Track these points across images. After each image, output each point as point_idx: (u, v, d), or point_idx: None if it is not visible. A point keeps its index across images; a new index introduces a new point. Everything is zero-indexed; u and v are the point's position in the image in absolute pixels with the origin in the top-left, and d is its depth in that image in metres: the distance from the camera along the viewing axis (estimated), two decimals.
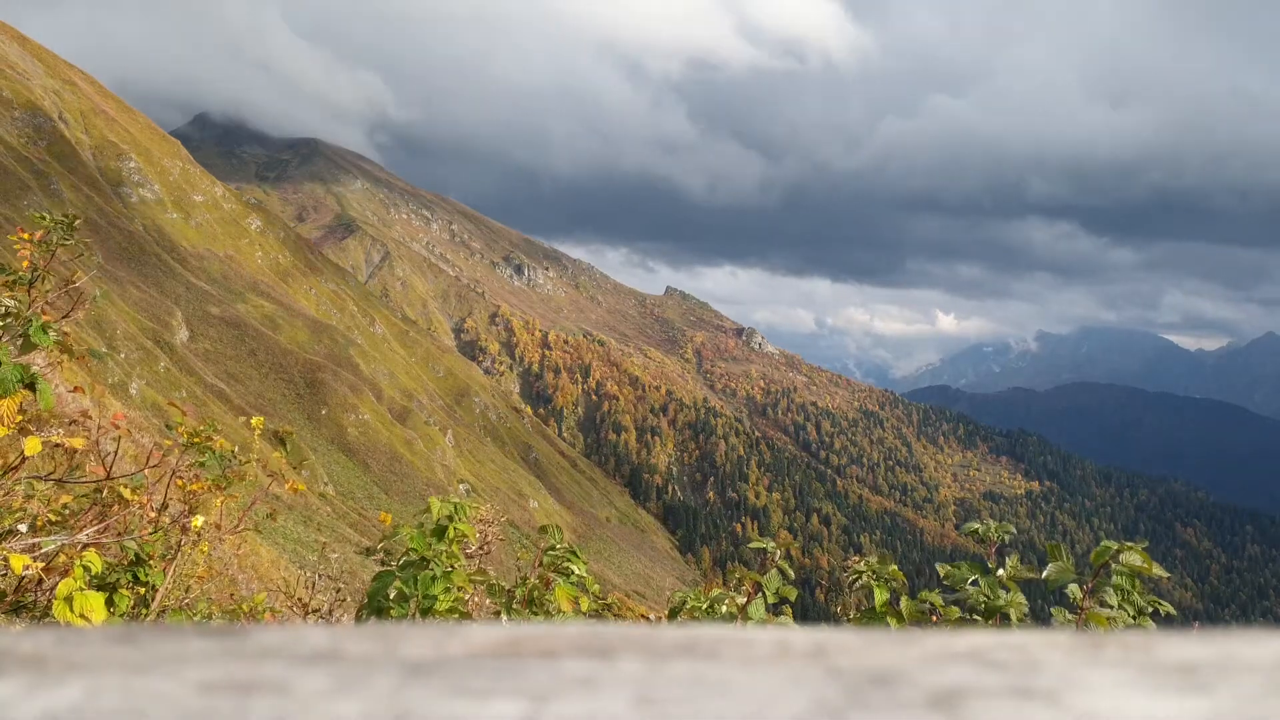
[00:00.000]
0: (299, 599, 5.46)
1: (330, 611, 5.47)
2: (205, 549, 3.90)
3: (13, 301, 3.30)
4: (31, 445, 3.09)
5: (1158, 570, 2.81)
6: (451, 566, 3.15)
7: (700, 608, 3.42)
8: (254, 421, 4.10)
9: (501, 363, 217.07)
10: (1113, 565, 2.80)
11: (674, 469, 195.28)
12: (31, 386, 3.08)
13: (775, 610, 3.32)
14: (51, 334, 3.25)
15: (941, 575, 3.02)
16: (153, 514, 3.79)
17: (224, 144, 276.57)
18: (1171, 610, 2.83)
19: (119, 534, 3.69)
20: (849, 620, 3.17)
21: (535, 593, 3.47)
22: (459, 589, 3.15)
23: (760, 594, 3.28)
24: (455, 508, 3.23)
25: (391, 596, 3.11)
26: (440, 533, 3.18)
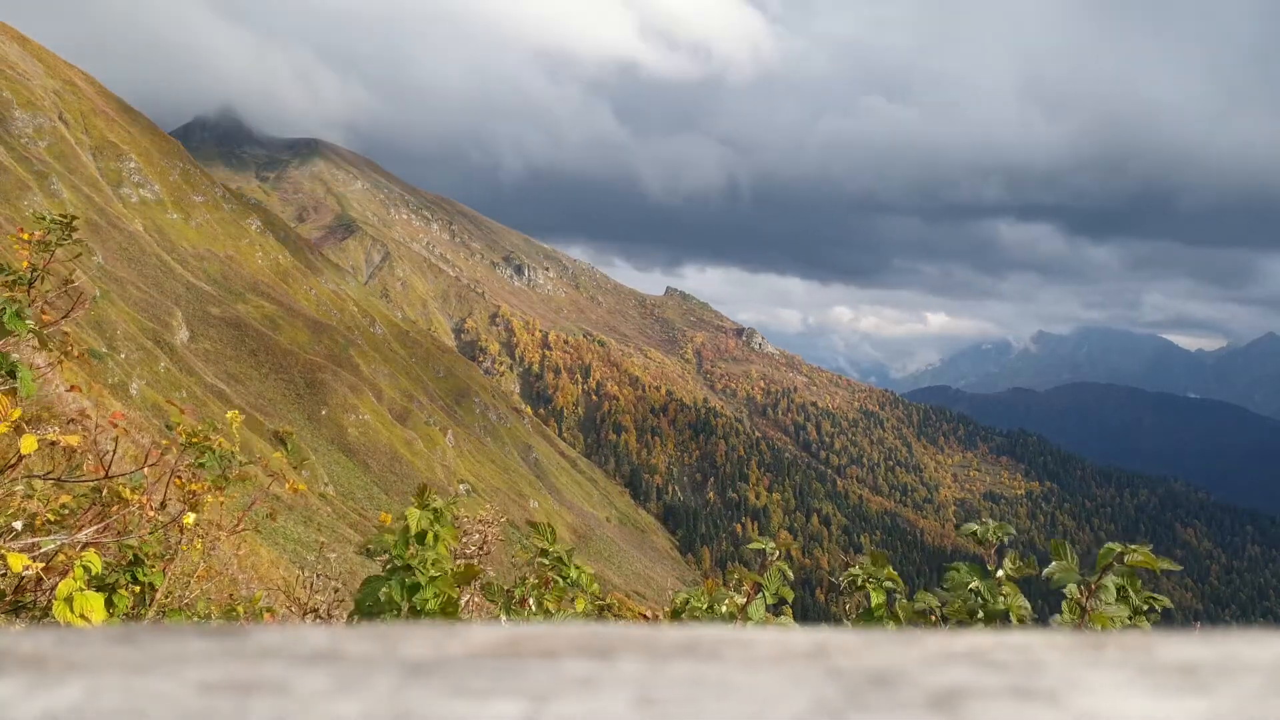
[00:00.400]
0: (297, 599, 5.46)
1: (328, 612, 5.46)
2: (200, 546, 3.89)
3: None
4: (27, 444, 3.08)
5: (1164, 564, 2.79)
6: (438, 572, 3.12)
7: (700, 608, 3.42)
8: (230, 415, 4.10)
9: (501, 363, 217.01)
10: (1116, 566, 2.79)
11: (674, 469, 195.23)
12: (12, 374, 3.06)
13: (775, 610, 3.32)
14: (29, 321, 3.23)
15: (946, 584, 3.01)
16: (152, 513, 3.78)
17: (224, 144, 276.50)
18: (1168, 603, 2.82)
19: (118, 534, 3.68)
20: (849, 621, 3.17)
21: (535, 593, 3.46)
22: (447, 593, 3.13)
23: (760, 594, 3.27)
24: (435, 514, 3.19)
25: (381, 601, 3.09)
26: (421, 538, 3.15)
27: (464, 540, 4.23)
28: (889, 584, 3.09)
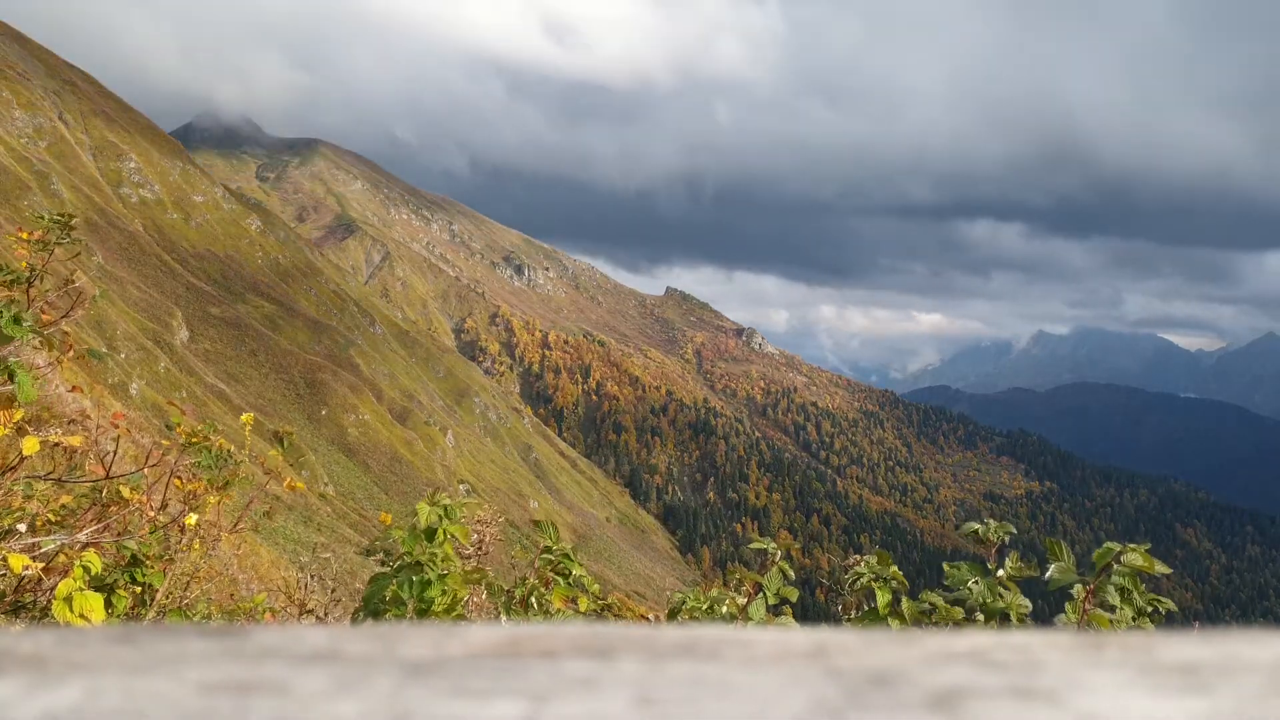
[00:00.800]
0: (296, 599, 5.45)
1: (326, 612, 5.46)
2: (198, 546, 3.89)
3: None
4: (29, 445, 3.08)
5: (1159, 567, 2.79)
6: (446, 569, 3.13)
7: (700, 608, 3.41)
8: (244, 418, 4.09)
9: (501, 363, 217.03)
10: (1114, 566, 2.78)
11: (674, 469, 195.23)
12: (11, 377, 3.06)
13: (775, 611, 3.31)
14: (27, 324, 3.22)
15: (946, 573, 3.01)
16: (151, 514, 3.78)
17: (224, 144, 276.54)
18: (1172, 606, 2.82)
19: (118, 534, 3.68)
20: (849, 620, 3.16)
21: (535, 593, 3.46)
22: (455, 591, 3.13)
23: (760, 594, 3.27)
24: (445, 510, 3.20)
25: (387, 599, 3.09)
26: (431, 534, 3.15)
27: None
28: (894, 584, 3.08)
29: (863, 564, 3.10)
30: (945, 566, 3.02)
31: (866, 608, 3.07)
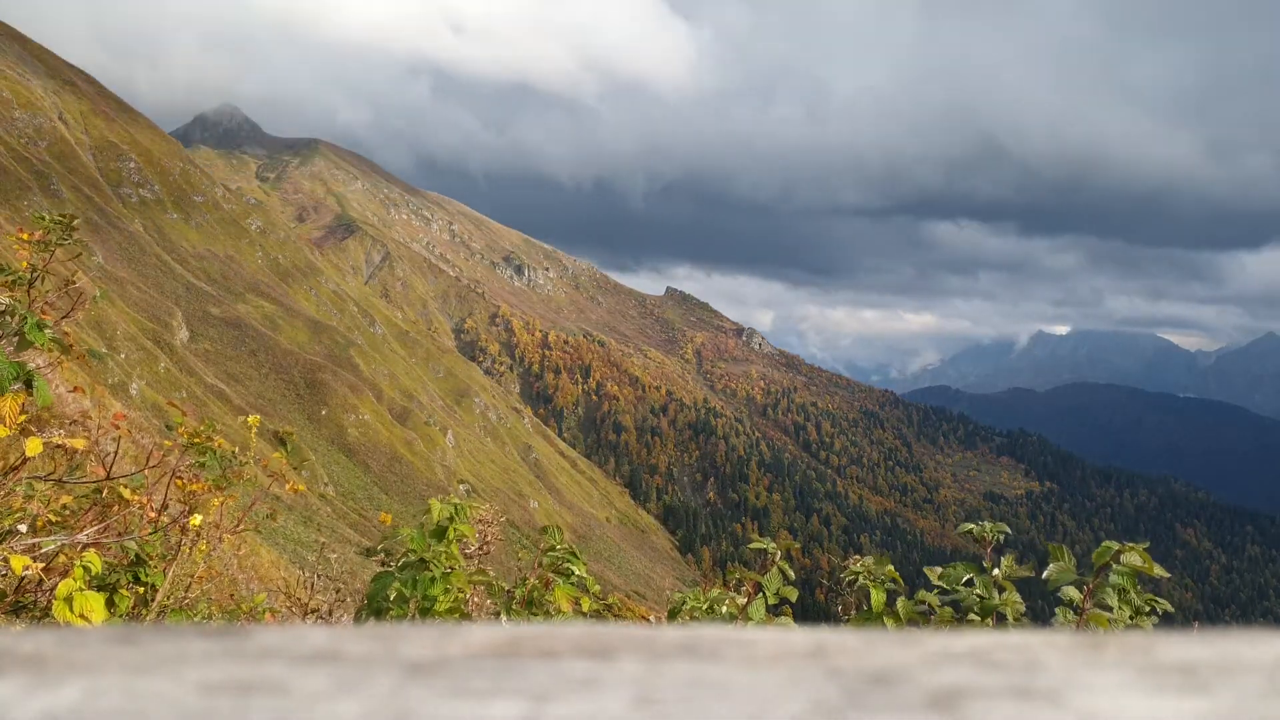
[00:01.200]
0: (298, 599, 5.46)
1: (330, 612, 5.47)
2: (204, 548, 3.90)
3: (8, 300, 3.29)
4: (33, 446, 3.09)
5: (1158, 570, 2.80)
6: (451, 568, 3.15)
7: (700, 608, 3.42)
8: (250, 420, 4.10)
9: (501, 363, 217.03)
10: (1113, 566, 2.79)
11: (674, 469, 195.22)
12: (29, 384, 3.08)
13: (775, 611, 3.32)
14: (48, 332, 3.25)
15: (934, 579, 3.02)
16: (152, 514, 3.79)
17: (224, 144, 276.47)
18: (1169, 608, 2.83)
19: (119, 534, 3.69)
20: (849, 620, 3.17)
21: (535, 593, 3.47)
22: (459, 590, 3.14)
23: (760, 594, 3.28)
24: (455, 509, 3.22)
25: (391, 598, 3.10)
26: (440, 534, 3.17)
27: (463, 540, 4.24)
28: (890, 584, 3.09)
29: (858, 564, 3.12)
30: (927, 571, 3.03)
31: (864, 608, 3.09)
